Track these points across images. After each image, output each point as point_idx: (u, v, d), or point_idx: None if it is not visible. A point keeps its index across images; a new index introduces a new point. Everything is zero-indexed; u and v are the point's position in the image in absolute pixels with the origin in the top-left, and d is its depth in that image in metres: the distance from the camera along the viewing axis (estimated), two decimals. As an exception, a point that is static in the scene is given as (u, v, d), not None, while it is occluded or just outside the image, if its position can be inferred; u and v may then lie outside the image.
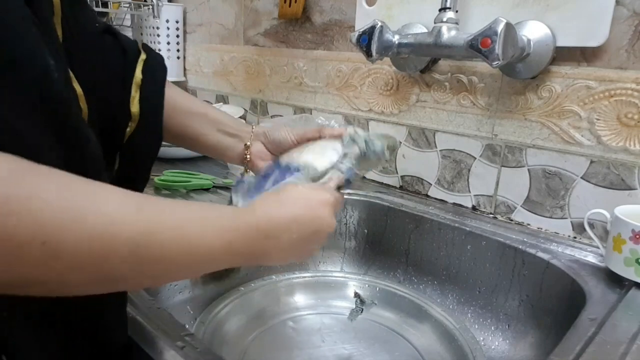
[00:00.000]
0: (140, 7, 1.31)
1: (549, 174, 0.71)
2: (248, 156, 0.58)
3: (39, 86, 0.31)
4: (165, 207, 0.32)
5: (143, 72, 0.49)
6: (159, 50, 1.33)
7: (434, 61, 0.82)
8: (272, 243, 0.38)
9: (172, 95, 0.54)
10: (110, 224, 0.28)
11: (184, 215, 0.33)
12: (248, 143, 0.58)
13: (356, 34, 0.73)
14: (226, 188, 0.87)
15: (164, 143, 0.52)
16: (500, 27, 0.58)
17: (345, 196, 0.88)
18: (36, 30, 0.31)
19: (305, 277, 0.77)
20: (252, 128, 0.60)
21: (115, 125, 0.48)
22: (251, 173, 0.59)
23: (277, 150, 0.58)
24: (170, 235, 0.31)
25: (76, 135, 0.34)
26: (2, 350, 0.34)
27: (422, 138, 0.86)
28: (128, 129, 0.49)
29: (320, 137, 0.56)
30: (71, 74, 0.37)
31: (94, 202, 0.28)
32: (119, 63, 0.49)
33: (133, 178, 0.52)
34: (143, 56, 0.50)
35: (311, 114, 1.06)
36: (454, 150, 0.82)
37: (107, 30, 0.49)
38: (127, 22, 1.45)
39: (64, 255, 0.26)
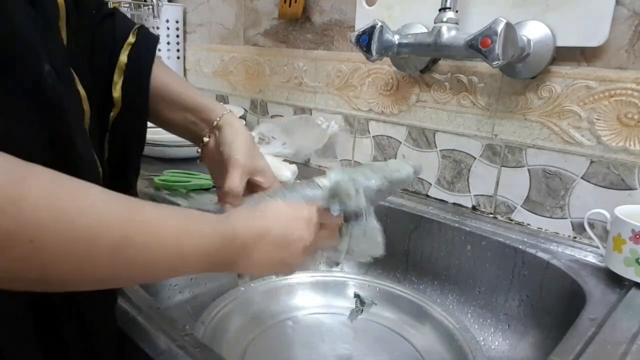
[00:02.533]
0: (140, 7, 1.31)
1: (549, 174, 0.71)
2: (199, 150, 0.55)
3: (30, 91, 0.31)
4: (147, 211, 0.33)
5: (129, 57, 0.48)
6: (159, 50, 1.33)
7: (434, 61, 0.82)
8: (245, 253, 0.39)
9: (159, 80, 0.52)
10: (95, 225, 0.28)
11: (164, 222, 0.33)
12: (205, 139, 0.54)
13: (356, 34, 0.73)
14: (226, 188, 0.87)
15: (164, 143, 0.52)
16: (500, 27, 0.58)
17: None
18: (37, 34, 0.32)
19: (305, 277, 0.77)
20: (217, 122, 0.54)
21: (101, 111, 0.47)
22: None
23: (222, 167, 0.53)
24: (148, 240, 0.31)
25: (66, 140, 0.34)
26: None
27: (422, 138, 0.86)
28: (112, 114, 0.48)
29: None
30: (75, 76, 0.37)
31: (81, 202, 0.28)
32: (108, 48, 0.48)
33: (124, 170, 0.51)
34: (131, 39, 0.49)
35: (311, 114, 1.06)
36: (454, 150, 0.82)
37: (109, 14, 0.48)
38: (127, 22, 1.45)
39: (49, 254, 0.27)
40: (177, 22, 1.35)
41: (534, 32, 0.67)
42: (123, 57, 0.48)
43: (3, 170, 0.26)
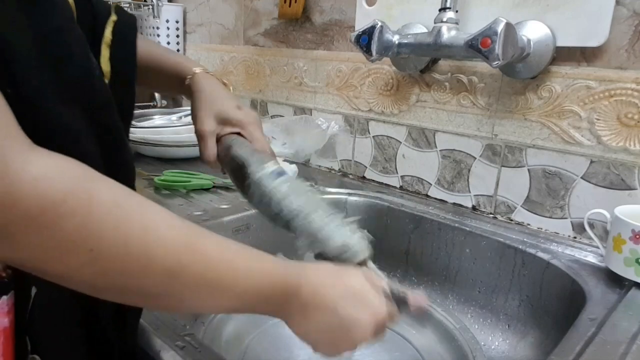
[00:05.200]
0: (140, 7, 1.31)
1: (549, 174, 0.71)
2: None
3: (81, 85, 0.33)
4: (209, 242, 0.33)
5: (113, 32, 0.49)
6: (159, 50, 1.33)
7: (434, 61, 0.82)
8: (301, 315, 0.38)
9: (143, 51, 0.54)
10: (153, 246, 0.29)
11: (224, 255, 0.33)
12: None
13: (356, 34, 0.73)
14: (226, 188, 0.87)
15: (163, 143, 0.52)
16: (500, 27, 0.58)
17: (345, 197, 0.89)
18: (79, 27, 0.33)
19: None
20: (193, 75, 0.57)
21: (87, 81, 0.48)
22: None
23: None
24: (204, 271, 0.31)
25: (110, 127, 0.36)
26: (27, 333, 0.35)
27: (422, 138, 0.86)
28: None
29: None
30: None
31: (145, 220, 0.29)
32: (89, 28, 0.48)
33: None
34: (114, 17, 0.50)
35: (311, 114, 1.06)
36: (454, 150, 0.82)
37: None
38: (127, 22, 1.45)
39: (105, 264, 0.27)
40: (177, 22, 1.35)
41: (534, 32, 0.67)
42: (108, 32, 0.49)
43: (75, 174, 0.26)
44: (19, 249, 0.25)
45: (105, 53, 0.47)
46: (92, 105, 0.34)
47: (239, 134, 0.54)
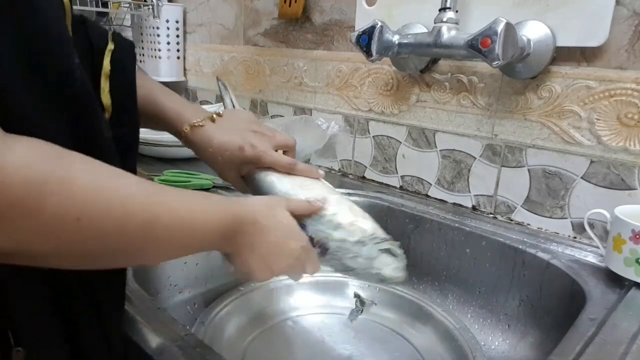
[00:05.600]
0: (140, 7, 1.31)
1: (549, 174, 0.71)
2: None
3: (60, 84, 0.34)
4: (171, 194, 0.37)
5: (111, 62, 0.49)
6: (159, 50, 1.33)
7: (434, 61, 0.82)
8: (245, 244, 0.43)
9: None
10: (130, 204, 0.32)
11: (184, 203, 0.37)
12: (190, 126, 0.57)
13: (356, 34, 0.73)
14: (226, 188, 0.87)
15: (163, 143, 0.52)
16: (500, 27, 0.58)
17: (345, 196, 0.89)
18: (65, 28, 0.34)
19: (305, 277, 0.77)
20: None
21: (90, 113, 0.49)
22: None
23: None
24: (172, 220, 0.35)
25: (91, 129, 0.37)
26: (7, 324, 0.36)
27: (422, 138, 0.86)
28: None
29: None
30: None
31: (119, 184, 0.32)
32: (86, 56, 0.48)
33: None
34: (111, 46, 0.49)
35: (311, 114, 1.06)
36: (454, 150, 0.82)
37: (80, 21, 0.49)
38: (127, 22, 1.45)
39: (92, 230, 0.30)
40: (177, 22, 1.35)
41: (534, 32, 0.67)
42: (106, 63, 0.48)
43: (49, 155, 0.28)
44: (11, 235, 0.27)
45: (104, 86, 0.47)
46: (73, 108, 0.35)
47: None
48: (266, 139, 0.57)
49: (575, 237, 0.70)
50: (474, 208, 0.81)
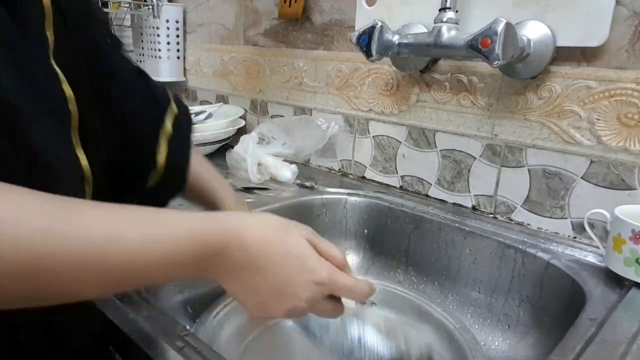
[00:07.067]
0: (140, 7, 1.31)
1: (549, 174, 0.71)
2: None
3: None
4: (88, 219, 0.30)
5: (173, 125, 0.48)
6: (159, 50, 1.33)
7: (434, 61, 0.82)
8: (229, 274, 0.35)
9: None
10: (43, 242, 0.27)
11: (129, 234, 0.31)
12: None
13: (356, 34, 0.73)
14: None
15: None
16: (500, 27, 0.58)
17: (345, 197, 0.89)
18: None
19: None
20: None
21: (138, 167, 0.47)
22: None
23: None
24: (117, 255, 0.30)
25: (26, 143, 0.31)
26: None
27: (422, 138, 0.86)
28: (150, 180, 0.47)
29: None
30: (61, 75, 0.36)
31: (24, 216, 0.27)
32: (150, 108, 0.47)
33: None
34: (175, 110, 0.49)
35: (311, 114, 1.06)
36: (454, 150, 0.82)
37: (139, 72, 0.48)
38: (127, 22, 1.45)
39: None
40: (177, 22, 1.35)
41: (534, 32, 0.67)
42: (168, 125, 0.47)
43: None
44: None
45: (163, 149, 0.46)
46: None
47: None
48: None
49: (575, 237, 0.70)
50: (474, 208, 0.81)
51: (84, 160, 0.38)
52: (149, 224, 0.32)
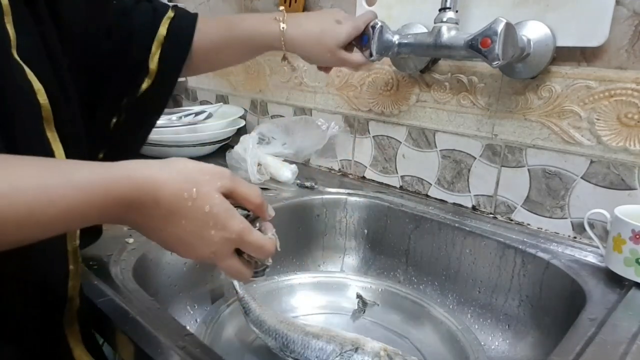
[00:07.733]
0: (140, 7, 1.31)
1: (549, 174, 0.71)
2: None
3: None
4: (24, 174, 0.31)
5: (168, 29, 0.50)
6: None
7: (434, 61, 0.82)
8: (147, 224, 0.37)
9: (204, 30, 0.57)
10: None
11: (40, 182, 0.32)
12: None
13: (356, 34, 0.73)
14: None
15: (163, 143, 0.53)
16: (500, 27, 0.58)
17: (345, 197, 0.89)
18: None
19: (306, 277, 0.77)
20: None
21: (133, 81, 0.50)
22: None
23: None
24: (47, 208, 0.31)
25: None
26: None
27: (422, 138, 0.86)
28: (144, 85, 0.51)
29: None
30: (26, 68, 0.37)
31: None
32: (147, 22, 0.50)
33: (134, 137, 0.55)
34: (170, 14, 0.51)
35: (311, 114, 1.06)
36: (454, 150, 0.82)
37: None
38: (127, 22, 1.45)
39: None
40: (177, 22, 1.35)
41: (534, 32, 0.67)
42: (162, 30, 0.50)
43: None
44: None
45: (155, 51, 0.49)
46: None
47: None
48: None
49: (575, 237, 0.70)
50: (474, 208, 0.81)
51: (60, 156, 0.39)
52: (64, 172, 0.33)
